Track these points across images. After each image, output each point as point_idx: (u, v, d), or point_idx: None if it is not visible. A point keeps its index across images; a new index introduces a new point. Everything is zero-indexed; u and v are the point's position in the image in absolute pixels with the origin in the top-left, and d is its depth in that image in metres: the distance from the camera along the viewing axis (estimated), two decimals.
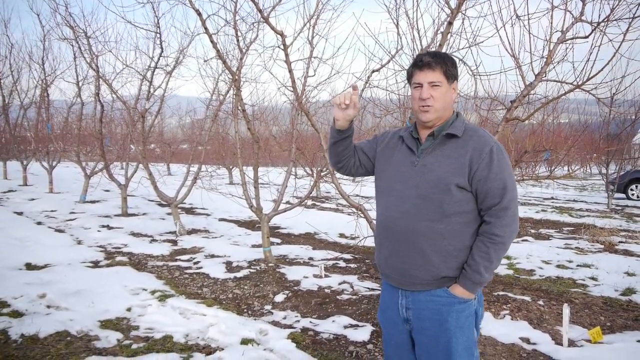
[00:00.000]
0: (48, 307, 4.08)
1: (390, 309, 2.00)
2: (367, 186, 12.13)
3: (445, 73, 1.86)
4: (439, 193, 1.82)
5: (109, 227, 7.96)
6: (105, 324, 3.80)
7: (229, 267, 5.73)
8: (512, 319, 4.13)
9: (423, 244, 1.84)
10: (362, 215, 4.67)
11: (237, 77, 5.54)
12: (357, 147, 2.18)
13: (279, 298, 4.66)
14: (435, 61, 1.85)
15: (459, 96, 4.95)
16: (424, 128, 1.96)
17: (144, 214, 9.60)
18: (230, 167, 16.97)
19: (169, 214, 9.25)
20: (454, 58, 1.94)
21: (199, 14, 4.96)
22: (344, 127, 2.02)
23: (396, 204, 1.93)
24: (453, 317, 1.85)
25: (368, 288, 4.99)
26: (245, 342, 3.53)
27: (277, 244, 7.25)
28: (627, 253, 6.95)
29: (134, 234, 7.54)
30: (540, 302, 4.51)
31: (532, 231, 8.85)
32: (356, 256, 6.53)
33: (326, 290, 4.89)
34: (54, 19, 14.69)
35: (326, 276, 5.35)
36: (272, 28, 4.62)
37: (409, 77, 1.94)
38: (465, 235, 1.85)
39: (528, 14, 3.80)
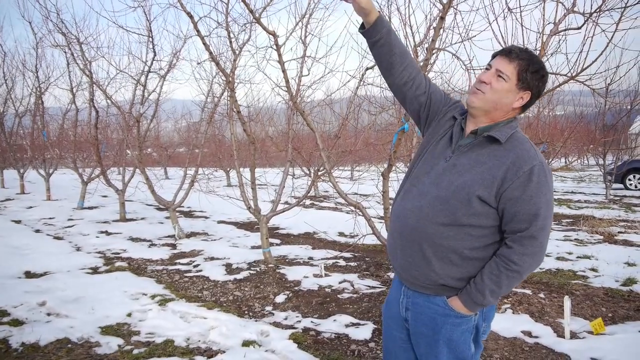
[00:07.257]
0: (48, 314, 4.06)
1: (392, 303, 1.94)
2: (364, 184, 12.12)
3: (520, 73, 1.63)
4: (457, 200, 1.65)
5: (107, 233, 7.93)
6: (106, 330, 3.78)
7: (229, 269, 5.72)
8: (513, 313, 4.13)
9: (427, 246, 1.71)
10: (360, 213, 4.67)
11: (230, 79, 5.53)
12: (433, 87, 1.92)
13: (280, 299, 4.65)
14: (518, 55, 1.64)
15: (452, 91, 4.94)
16: (471, 121, 1.76)
17: (142, 218, 9.58)
18: (228, 169, 16.94)
19: (167, 217, 9.23)
20: (545, 72, 1.69)
21: (191, 17, 4.94)
22: (366, 20, 1.77)
23: (414, 197, 1.78)
24: (447, 329, 1.75)
25: (369, 286, 4.99)
26: (246, 344, 3.52)
27: (277, 244, 7.24)
28: (626, 243, 6.97)
29: (132, 239, 7.52)
30: (541, 295, 4.51)
31: None
32: (356, 254, 6.52)
33: (327, 290, 4.88)
34: (45, 26, 14.57)
35: (326, 275, 5.34)
36: (264, 28, 4.61)
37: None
38: (474, 247, 1.69)
39: (520, 7, 3.80)
